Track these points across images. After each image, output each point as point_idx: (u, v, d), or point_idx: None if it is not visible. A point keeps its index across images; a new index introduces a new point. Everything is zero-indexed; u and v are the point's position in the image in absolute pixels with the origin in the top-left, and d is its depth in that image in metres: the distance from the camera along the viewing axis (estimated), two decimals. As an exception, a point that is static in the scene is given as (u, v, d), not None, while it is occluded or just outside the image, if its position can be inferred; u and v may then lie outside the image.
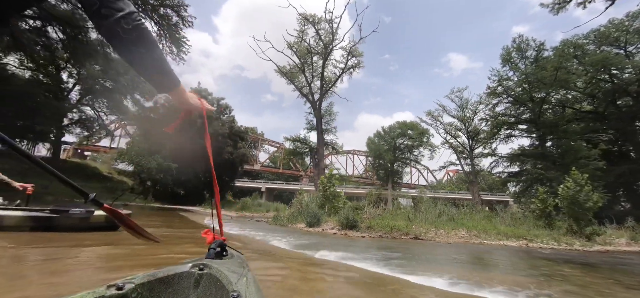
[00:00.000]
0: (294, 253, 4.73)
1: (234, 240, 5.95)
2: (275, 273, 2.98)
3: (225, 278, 0.79)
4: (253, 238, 6.87)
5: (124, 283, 0.68)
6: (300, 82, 25.21)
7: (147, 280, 0.74)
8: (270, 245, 5.71)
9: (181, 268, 0.85)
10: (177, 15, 17.81)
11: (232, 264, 0.96)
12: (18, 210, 3.65)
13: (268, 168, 56.19)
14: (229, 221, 12.55)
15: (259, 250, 4.83)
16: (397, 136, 34.77)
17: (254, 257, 4.03)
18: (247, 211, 25.05)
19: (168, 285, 0.79)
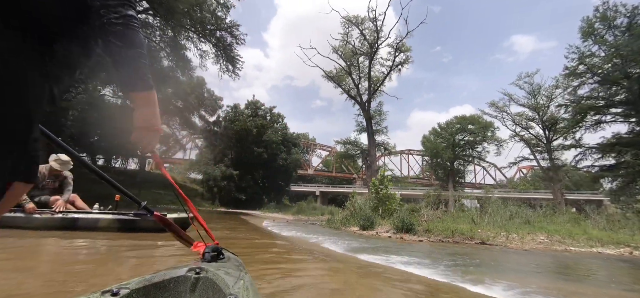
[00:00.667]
0: (346, 257, 4.66)
1: (284, 242, 6.15)
2: (324, 278, 2.95)
3: (222, 282, 0.78)
4: (305, 240, 7.00)
5: (119, 289, 0.67)
6: (348, 85, 25.15)
7: (142, 284, 0.73)
8: (322, 247, 5.73)
9: (177, 272, 0.83)
10: (230, 36, 19.47)
11: (229, 267, 0.94)
12: (109, 213, 4.40)
13: (321, 172, 57.16)
14: (285, 225, 13.07)
15: (310, 252, 4.88)
16: (455, 132, 32.14)
17: (303, 260, 4.08)
18: (302, 214, 25.71)
19: (164, 290, 0.78)
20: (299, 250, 5.06)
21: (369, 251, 5.22)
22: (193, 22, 17.28)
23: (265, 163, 33.46)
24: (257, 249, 4.52)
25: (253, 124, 32.15)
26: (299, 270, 3.18)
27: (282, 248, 5.04)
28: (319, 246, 5.93)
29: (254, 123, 32.43)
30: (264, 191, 34.70)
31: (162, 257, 3.07)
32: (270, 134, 32.81)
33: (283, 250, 4.78)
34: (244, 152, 32.35)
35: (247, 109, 34.43)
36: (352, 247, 5.88)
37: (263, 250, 4.45)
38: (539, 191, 36.26)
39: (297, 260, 3.95)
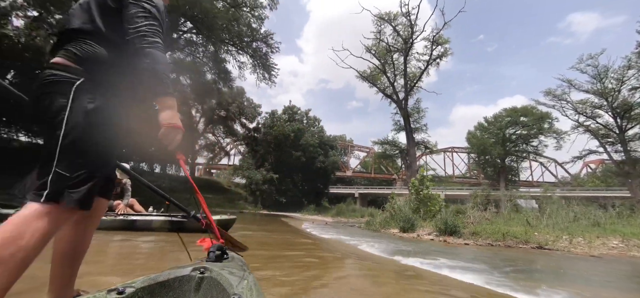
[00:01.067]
0: (385, 260, 4.54)
1: (321, 244, 6.18)
2: (361, 283, 2.90)
3: (226, 282, 0.78)
4: (343, 242, 6.96)
5: (125, 288, 0.68)
6: (383, 84, 24.53)
7: (147, 283, 0.74)
8: (360, 249, 5.66)
9: (182, 271, 0.84)
10: (266, 45, 20.32)
11: (232, 267, 0.95)
12: (161, 215, 4.96)
13: (360, 174, 56.46)
14: (323, 227, 13.15)
15: (347, 254, 4.84)
16: (505, 125, 29.54)
17: (339, 263, 4.05)
18: (342, 216, 25.69)
19: (169, 289, 0.79)
20: (334, 252, 5.05)
21: (410, 254, 5.01)
22: (231, 36, 18.36)
23: (303, 166, 34.09)
24: (293, 251, 4.61)
25: (290, 128, 33.03)
26: (332, 273, 3.17)
27: (318, 249, 5.08)
28: (356, 248, 5.86)
29: (291, 127, 33.30)
30: (303, 194, 35.35)
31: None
32: (307, 138, 33.40)
33: (319, 252, 4.82)
34: (283, 156, 33.34)
35: (284, 115, 35.53)
36: (391, 249, 5.70)
37: (298, 252, 4.52)
38: (612, 188, 31.60)
39: (332, 262, 3.95)
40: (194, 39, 18.74)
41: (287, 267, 3.10)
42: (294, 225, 12.76)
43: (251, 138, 34.89)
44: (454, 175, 53.00)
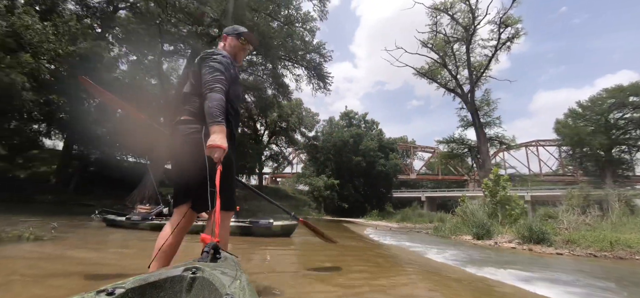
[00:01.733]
0: (456, 270, 4.16)
1: (385, 251, 5.98)
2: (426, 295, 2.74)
3: (219, 281, 0.77)
4: (407, 249, 6.63)
5: (115, 288, 0.68)
6: (444, 78, 22.68)
7: (138, 284, 0.74)
8: (426, 257, 5.31)
9: (173, 271, 0.83)
10: (319, 56, 20.96)
11: (225, 267, 0.94)
12: (232, 221, 5.49)
13: (425, 176, 53.16)
14: (387, 233, 12.76)
15: (410, 262, 4.59)
16: (608, 109, 24.33)
17: (400, 272, 3.88)
18: (408, 221, 24.53)
19: (160, 289, 0.78)
20: (396, 258, 4.85)
21: (487, 264, 4.48)
22: (286, 52, 19.49)
23: (364, 171, 33.67)
24: (353, 257, 4.57)
25: (348, 134, 33.08)
26: (393, 283, 3.06)
27: (378, 256, 4.94)
28: (422, 256, 5.52)
29: (350, 132, 33.32)
30: (365, 199, 34.85)
31: (268, 251, 3.52)
32: (366, 142, 32.94)
33: (378, 258, 4.68)
34: (343, 162, 33.52)
35: (341, 121, 35.78)
36: (464, 258, 5.19)
37: (359, 259, 4.47)
38: None
39: (391, 269, 3.80)
40: (254, 59, 20.52)
41: (342, 275, 3.12)
42: (356, 231, 12.68)
43: (311, 146, 36.08)
44: (541, 173, 45.67)
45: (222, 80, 1.60)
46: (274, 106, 26.38)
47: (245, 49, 1.97)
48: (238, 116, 1.87)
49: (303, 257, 4.18)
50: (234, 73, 1.78)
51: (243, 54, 1.97)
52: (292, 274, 2.92)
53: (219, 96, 1.53)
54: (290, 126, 32.48)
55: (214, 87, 1.55)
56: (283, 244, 5.31)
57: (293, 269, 3.06)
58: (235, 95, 1.78)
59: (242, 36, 1.92)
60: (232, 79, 1.73)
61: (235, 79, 1.78)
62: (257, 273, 2.78)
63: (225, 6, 13.77)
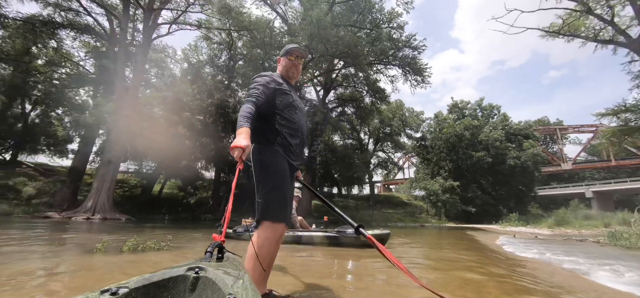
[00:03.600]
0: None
1: (522, 269, 4.45)
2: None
3: (222, 281, 0.77)
4: (558, 266, 4.80)
5: (118, 288, 0.68)
6: (590, 28, 16.31)
7: (142, 284, 0.74)
8: (589, 281, 3.64)
9: (176, 271, 0.84)
10: (411, 49, 19.39)
11: (228, 267, 0.94)
12: (320, 231, 5.64)
13: (587, 165, 40.14)
14: (528, 242, 9.98)
15: (565, 288, 3.21)
16: None
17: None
18: (566, 226, 19.11)
19: (163, 289, 0.79)
20: (539, 283, 3.49)
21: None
22: (376, 55, 18.92)
23: (490, 167, 28.34)
24: (464, 278, 3.55)
25: (461, 126, 28.78)
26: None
27: (510, 277, 3.66)
28: (584, 278, 3.83)
29: (462, 124, 28.95)
30: (498, 201, 29.12)
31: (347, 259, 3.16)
32: (487, 132, 27.70)
33: (507, 284, 3.45)
34: (460, 159, 29.27)
35: (450, 114, 31.56)
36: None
37: (471, 282, 3.44)
38: None
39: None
40: (346, 72, 20.94)
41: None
42: (483, 240, 10.45)
43: (420, 147, 33.34)
44: None
45: (253, 93, 1.75)
46: (373, 113, 26.01)
47: (297, 64, 2.07)
48: (292, 123, 1.91)
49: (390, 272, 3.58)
50: (279, 88, 1.90)
51: (296, 70, 2.08)
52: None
53: (247, 105, 1.66)
54: (394, 130, 31.07)
55: (245, 100, 1.73)
56: (374, 256, 4.83)
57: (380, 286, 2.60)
58: (284, 105, 1.88)
59: (291, 53, 2.05)
60: (276, 91, 1.87)
61: (281, 91, 1.90)
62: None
63: (311, 31, 14.71)
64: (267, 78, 1.89)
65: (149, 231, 8.99)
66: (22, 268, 3.01)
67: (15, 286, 2.33)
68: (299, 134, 1.94)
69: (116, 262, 3.47)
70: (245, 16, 16.92)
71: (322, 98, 23.83)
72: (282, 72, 2.07)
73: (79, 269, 3.10)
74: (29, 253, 3.96)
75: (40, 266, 3.15)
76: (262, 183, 1.74)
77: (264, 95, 1.79)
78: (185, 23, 16.62)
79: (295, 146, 1.90)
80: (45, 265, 3.23)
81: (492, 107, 30.50)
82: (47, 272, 2.89)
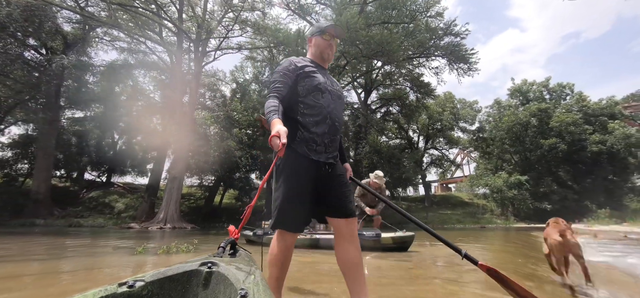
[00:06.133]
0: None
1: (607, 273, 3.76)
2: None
3: (234, 276, 0.78)
4: (624, 270, 3.96)
5: (135, 281, 0.72)
6: None
7: (157, 277, 0.77)
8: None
9: (190, 266, 0.86)
10: (452, 36, 17.98)
11: (240, 262, 0.96)
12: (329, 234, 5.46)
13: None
14: (616, 243, 8.32)
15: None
16: None
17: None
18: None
19: (177, 283, 0.81)
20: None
21: None
22: (414, 49, 17.99)
23: (567, 156, 24.35)
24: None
25: (526, 112, 25.34)
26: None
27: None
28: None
29: (527, 110, 25.47)
30: (582, 195, 24.80)
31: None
32: (560, 116, 23.87)
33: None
34: (527, 150, 25.77)
35: (512, 99, 28.03)
36: None
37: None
38: None
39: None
40: (387, 70, 20.32)
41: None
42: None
43: (478, 140, 30.37)
44: None
45: (274, 86, 1.63)
46: (421, 109, 24.68)
47: (332, 44, 1.86)
48: (316, 109, 1.69)
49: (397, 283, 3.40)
50: (302, 71, 1.71)
51: (331, 50, 1.87)
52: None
53: (269, 101, 1.55)
54: (445, 125, 28.88)
55: (267, 96, 1.62)
56: (399, 256, 4.61)
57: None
58: (308, 89, 1.69)
59: (326, 32, 1.83)
60: (299, 76, 1.70)
61: (304, 74, 1.71)
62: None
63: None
64: (286, 64, 1.72)
65: (203, 237, 10.03)
66: (84, 264, 3.73)
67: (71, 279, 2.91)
68: (327, 120, 1.69)
69: (146, 261, 4.05)
70: (282, 32, 17.83)
71: (364, 100, 23.54)
72: (315, 54, 1.86)
73: (119, 266, 3.72)
74: (105, 255, 4.84)
75: (95, 263, 3.86)
76: (275, 189, 1.64)
77: (285, 86, 1.64)
78: (228, 48, 18.31)
79: (321, 136, 1.66)
80: (92, 262, 3.93)
81: (562, 87, 26.22)
82: (87, 269, 3.53)
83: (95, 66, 19.78)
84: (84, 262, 4.15)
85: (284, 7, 17.98)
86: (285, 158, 1.59)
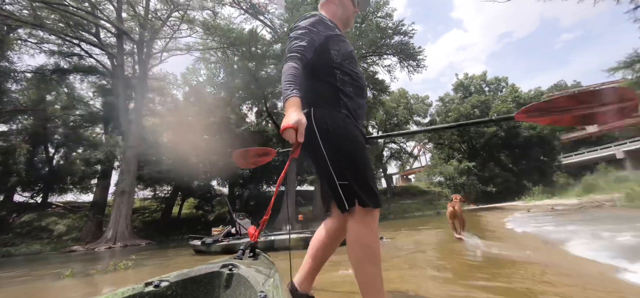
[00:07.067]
0: (594, 269, 2.46)
1: (510, 244, 4.26)
2: None
3: (254, 279, 0.79)
4: (543, 238, 4.55)
5: (160, 282, 0.75)
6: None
7: (181, 278, 0.80)
8: (565, 250, 3.44)
9: (212, 268, 0.89)
10: (401, 35, 19.13)
11: (260, 265, 0.97)
12: (295, 233, 5.46)
13: (616, 124, 37.43)
14: (543, 215, 9.46)
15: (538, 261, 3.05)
16: None
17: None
18: (597, 192, 18.00)
19: (200, 284, 0.84)
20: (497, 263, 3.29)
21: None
22: (367, 48, 18.73)
23: (505, 142, 27.19)
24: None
25: (468, 105, 27.84)
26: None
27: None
28: (560, 247, 3.63)
29: (469, 103, 28.00)
30: (520, 176, 27.86)
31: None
32: (497, 106, 26.61)
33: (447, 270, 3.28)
34: (473, 139, 28.30)
35: (456, 93, 30.57)
36: (628, 246, 3.03)
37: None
38: None
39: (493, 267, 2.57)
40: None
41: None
42: (492, 220, 10.05)
43: (431, 132, 32.59)
44: None
45: (295, 45, 1.26)
46: (377, 106, 25.68)
47: (356, 14, 1.64)
48: (357, 79, 1.43)
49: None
50: (333, 33, 1.41)
51: (353, 21, 1.64)
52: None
53: (288, 65, 1.21)
54: (401, 120, 30.50)
55: (290, 56, 1.24)
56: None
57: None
58: (344, 55, 1.41)
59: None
60: (330, 38, 1.38)
61: (337, 38, 1.41)
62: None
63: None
64: (313, 19, 1.37)
65: (160, 251, 9.37)
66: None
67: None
68: (365, 91, 1.50)
69: (69, 285, 3.70)
70: (235, 32, 17.30)
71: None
72: (337, 16, 1.55)
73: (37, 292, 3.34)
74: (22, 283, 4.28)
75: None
76: (343, 159, 1.25)
77: (311, 46, 1.31)
78: (176, 49, 17.31)
79: (363, 108, 1.45)
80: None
81: (498, 80, 29.26)
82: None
83: (18, 71, 17.37)
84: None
85: (235, 5, 17.47)
86: (341, 121, 1.30)
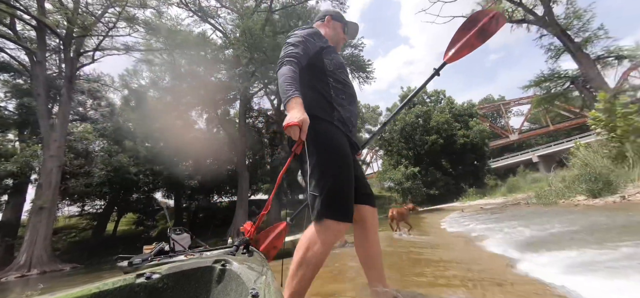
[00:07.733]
0: (496, 263, 2.82)
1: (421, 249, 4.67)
2: None
3: (246, 276, 0.79)
4: (467, 237, 5.11)
5: (152, 273, 0.76)
6: (507, 11, 17.83)
7: (172, 271, 0.80)
8: (478, 247, 3.91)
9: (204, 262, 0.88)
10: (352, 48, 20.15)
11: (252, 262, 0.97)
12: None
13: (532, 132, 43.87)
14: (471, 215, 10.59)
15: (440, 264, 3.38)
16: None
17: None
18: (518, 192, 20.54)
19: (191, 278, 0.83)
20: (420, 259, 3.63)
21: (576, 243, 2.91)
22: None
23: (444, 148, 29.98)
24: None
25: (412, 115, 30.29)
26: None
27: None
28: (475, 244, 4.11)
29: (414, 113, 30.49)
30: (458, 179, 30.82)
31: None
32: (436, 117, 29.35)
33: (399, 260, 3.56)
34: (417, 146, 30.66)
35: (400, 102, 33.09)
36: (537, 238, 3.58)
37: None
38: None
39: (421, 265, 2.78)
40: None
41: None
42: (431, 221, 10.95)
43: (381, 140, 34.49)
44: None
45: (292, 51, 1.37)
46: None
47: (345, 40, 1.78)
48: (348, 87, 1.53)
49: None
50: (326, 46, 1.53)
51: (341, 47, 1.77)
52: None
53: (286, 68, 1.30)
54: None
55: (285, 60, 1.34)
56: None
57: None
58: (336, 65, 1.53)
59: (347, 27, 1.76)
60: (323, 49, 1.50)
61: (330, 49, 1.54)
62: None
63: (248, 42, 14.51)
64: (309, 30, 1.49)
65: (88, 276, 8.27)
66: None
67: None
68: (356, 100, 1.60)
69: None
70: (182, 34, 16.33)
71: (277, 107, 23.70)
72: (330, 37, 1.67)
73: None
74: None
75: None
76: (320, 169, 1.29)
77: (306, 54, 1.41)
78: (112, 48, 15.66)
79: (355, 116, 1.56)
80: None
81: (437, 93, 32.32)
82: None
83: None
84: None
85: (183, 6, 16.54)
86: (328, 130, 1.36)
